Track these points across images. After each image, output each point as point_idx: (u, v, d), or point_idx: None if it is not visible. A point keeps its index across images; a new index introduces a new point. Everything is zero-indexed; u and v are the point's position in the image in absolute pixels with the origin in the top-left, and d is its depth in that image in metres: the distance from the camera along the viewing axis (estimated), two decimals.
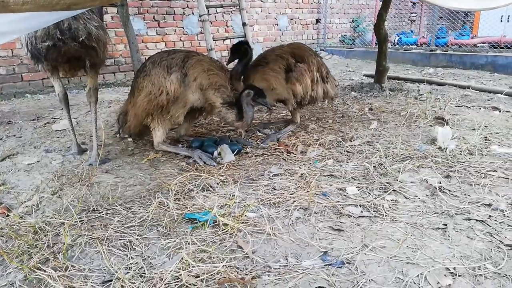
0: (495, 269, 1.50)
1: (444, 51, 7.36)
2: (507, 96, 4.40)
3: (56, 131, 3.86)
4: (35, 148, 3.34)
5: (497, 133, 3.13)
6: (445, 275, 1.46)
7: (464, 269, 1.50)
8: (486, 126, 3.28)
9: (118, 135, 3.16)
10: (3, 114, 4.65)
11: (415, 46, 8.35)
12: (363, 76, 6.51)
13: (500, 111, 3.82)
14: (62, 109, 4.85)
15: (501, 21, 9.67)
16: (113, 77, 6.63)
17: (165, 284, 1.46)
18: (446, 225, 1.82)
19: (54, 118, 4.37)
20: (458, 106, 4.10)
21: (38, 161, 2.99)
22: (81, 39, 2.41)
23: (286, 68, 3.14)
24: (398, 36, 9.24)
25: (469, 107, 4.05)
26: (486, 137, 3.04)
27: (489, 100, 4.36)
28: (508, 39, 7.43)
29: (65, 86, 3.05)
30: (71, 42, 2.41)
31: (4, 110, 4.84)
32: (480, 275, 1.46)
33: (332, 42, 10.05)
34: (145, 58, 6.66)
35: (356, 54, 9.11)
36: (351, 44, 9.69)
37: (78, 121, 4.22)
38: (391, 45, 8.85)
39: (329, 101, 3.54)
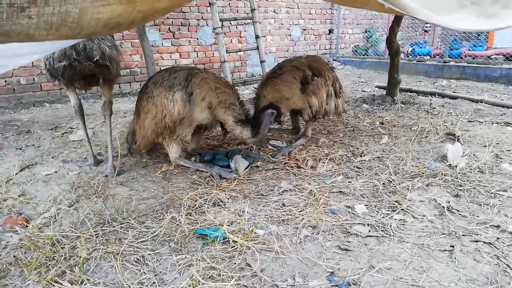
0: None
1: (458, 62, 7.32)
2: None
3: (73, 141, 3.97)
4: (53, 158, 3.45)
5: (509, 150, 3.12)
6: None
7: None
8: (498, 143, 3.27)
9: (130, 154, 3.24)
10: (23, 123, 4.80)
11: (429, 57, 8.32)
12: (375, 87, 6.52)
13: None
14: None
15: None
16: (129, 87, 6.78)
17: None
18: (453, 246, 1.84)
19: (71, 128, 4.49)
20: (470, 121, 4.08)
21: (55, 172, 3.10)
22: (95, 59, 2.55)
23: (302, 79, 3.19)
24: (412, 46, 9.22)
25: (482, 122, 4.04)
26: (497, 154, 3.03)
27: (502, 115, 4.34)
28: None
29: (81, 97, 3.18)
30: (86, 61, 2.55)
31: (24, 119, 5.00)
32: None
33: (345, 52, 10.08)
34: (160, 69, 6.84)
35: (368, 65, 9.12)
36: (363, 55, 9.70)
37: (95, 132, 4.34)
38: (405, 56, 8.83)
39: (338, 116, 3.58)
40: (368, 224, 2.07)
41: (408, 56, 8.79)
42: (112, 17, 1.33)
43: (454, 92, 5.69)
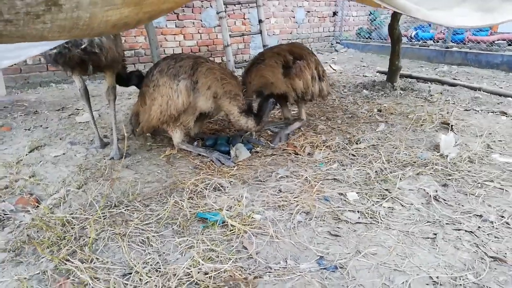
0: (475, 280, 1.65)
1: (460, 48, 7.32)
2: None
3: (79, 123, 4.10)
4: (60, 139, 3.59)
5: (500, 140, 3.22)
6: (427, 284, 1.63)
7: (447, 278, 1.66)
8: (491, 133, 3.37)
9: (133, 135, 3.36)
10: (30, 103, 4.92)
11: (432, 42, 8.29)
12: (377, 72, 6.57)
13: (507, 117, 3.88)
14: None
15: None
16: (133, 68, 6.84)
17: (178, 279, 1.66)
18: (436, 234, 1.97)
19: (78, 110, 4.61)
20: (467, 110, 4.17)
21: (63, 154, 3.23)
22: (83, 46, 2.67)
23: (284, 64, 3.28)
24: (415, 30, 9.16)
25: (478, 111, 4.12)
26: (489, 144, 3.14)
27: (499, 103, 4.41)
28: None
29: (86, 78, 3.31)
30: (75, 49, 2.68)
31: (31, 100, 5.12)
32: (460, 285, 1.62)
33: (349, 35, 10.03)
34: (164, 50, 6.88)
35: (371, 48, 9.10)
36: (367, 38, 9.65)
37: (100, 114, 4.46)
38: (408, 40, 8.79)
39: (323, 99, 3.66)
40: (358, 211, 2.20)
41: (411, 40, 8.76)
42: (120, 19, 1.42)
43: (454, 78, 5.74)
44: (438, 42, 8.17)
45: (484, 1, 2.93)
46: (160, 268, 1.75)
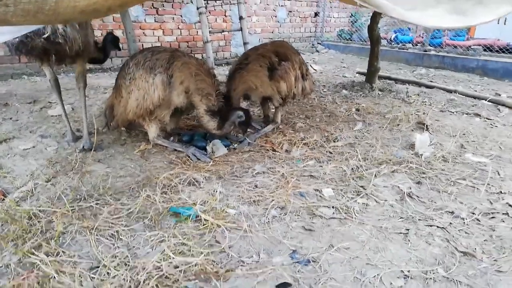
0: (445, 274, 1.67)
1: (438, 52, 7.48)
2: (491, 103, 4.55)
3: (52, 116, 3.97)
4: (31, 132, 3.46)
5: (473, 141, 3.29)
6: (398, 277, 1.63)
7: (417, 272, 1.67)
8: (464, 134, 3.44)
9: (107, 128, 3.28)
10: (0, 95, 4.74)
11: (411, 45, 8.45)
12: (356, 73, 6.63)
13: (480, 118, 3.97)
14: None
15: (498, 23, 9.76)
16: (110, 62, 6.70)
17: (147, 273, 1.61)
18: (408, 230, 1.98)
19: (50, 103, 4.46)
20: (442, 111, 4.25)
21: (33, 147, 3.12)
22: (46, 35, 2.61)
23: (269, 66, 3.20)
24: (395, 33, 9.33)
25: (453, 112, 4.21)
26: (462, 144, 3.20)
27: (473, 106, 4.51)
28: (502, 43, 7.54)
29: (60, 71, 3.24)
30: (37, 38, 2.62)
31: (1, 91, 4.93)
32: (430, 278, 1.63)
33: (330, 36, 10.12)
34: (142, 45, 6.76)
35: (352, 50, 9.21)
36: (348, 39, 9.76)
37: (74, 107, 4.33)
38: (388, 43, 8.94)
39: (305, 98, 3.63)
40: (333, 207, 2.20)
41: (391, 43, 8.91)
42: (88, 5, 1.36)
43: (431, 81, 5.86)
44: (417, 45, 8.33)
45: (458, 4, 2.99)
46: (129, 262, 1.70)
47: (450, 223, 2.06)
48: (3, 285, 1.56)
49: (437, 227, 2.03)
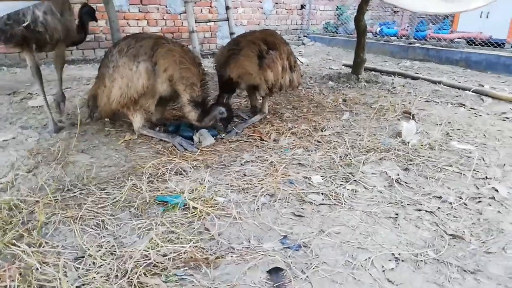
0: (435, 256, 1.67)
1: (422, 45, 7.55)
2: (474, 94, 4.60)
3: (32, 107, 3.85)
4: (10, 124, 3.35)
5: (459, 129, 3.32)
6: (389, 260, 1.63)
7: (408, 255, 1.67)
8: (450, 122, 3.47)
9: (90, 119, 3.20)
10: None
11: (396, 38, 8.51)
12: (342, 65, 6.64)
13: (465, 108, 4.02)
14: None
15: (480, 17, 9.92)
16: (93, 53, 6.56)
17: (135, 262, 1.57)
18: (397, 214, 1.99)
19: (31, 94, 4.33)
20: (427, 101, 4.28)
21: (13, 138, 3.01)
22: (26, 24, 2.61)
23: (259, 54, 3.15)
24: (380, 26, 9.37)
25: (438, 103, 4.24)
26: (447, 132, 3.22)
27: (457, 96, 4.56)
28: (484, 36, 7.65)
29: (42, 62, 3.24)
30: (16, 26, 2.62)
31: None
32: (421, 260, 1.63)
33: (316, 29, 10.11)
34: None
35: (338, 43, 9.22)
36: (334, 32, 9.77)
37: (56, 98, 4.20)
38: (373, 35, 8.98)
39: (293, 90, 3.59)
40: (322, 193, 2.18)
41: (376, 36, 8.95)
42: None
43: (416, 73, 5.90)
44: (401, 38, 8.39)
45: None
46: (115, 251, 1.65)
47: (439, 208, 2.07)
48: None
49: (426, 211, 2.04)
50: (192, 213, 1.96)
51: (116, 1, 6.29)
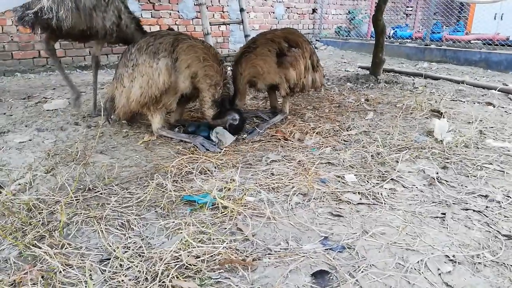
0: (493, 258, 1.51)
1: (439, 46, 7.39)
2: (500, 92, 4.44)
3: (47, 110, 3.77)
4: (26, 126, 3.27)
5: (492, 127, 3.16)
6: (445, 262, 1.47)
7: (463, 257, 1.51)
8: (481, 120, 3.31)
9: (108, 122, 3.11)
10: None
11: (410, 40, 8.37)
12: (358, 67, 6.51)
13: (494, 107, 3.85)
14: (53, 88, 4.77)
15: (495, 18, 9.76)
16: (106, 59, 6.51)
17: (165, 264, 1.44)
18: (444, 214, 1.83)
19: (46, 98, 4.27)
20: (453, 100, 4.13)
21: (30, 140, 2.93)
22: (34, 10, 2.77)
23: (278, 51, 3.03)
24: (393, 29, 9.25)
25: (464, 102, 4.09)
26: (481, 130, 3.06)
27: (483, 95, 4.40)
28: (502, 37, 7.50)
29: (65, 66, 3.39)
30: (25, 11, 2.80)
31: None
32: (479, 263, 1.48)
33: (328, 33, 10.01)
34: None
35: (351, 46, 9.10)
36: (346, 36, 9.67)
37: (70, 102, 4.12)
38: (386, 38, 8.85)
39: (316, 91, 3.45)
40: (359, 193, 2.04)
41: (390, 39, 8.82)
42: None
43: (435, 73, 5.74)
44: (416, 40, 8.25)
45: None
46: (143, 253, 1.52)
47: (487, 207, 1.91)
48: (2, 280, 1.38)
49: (473, 210, 1.88)
50: (222, 212, 1.82)
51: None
